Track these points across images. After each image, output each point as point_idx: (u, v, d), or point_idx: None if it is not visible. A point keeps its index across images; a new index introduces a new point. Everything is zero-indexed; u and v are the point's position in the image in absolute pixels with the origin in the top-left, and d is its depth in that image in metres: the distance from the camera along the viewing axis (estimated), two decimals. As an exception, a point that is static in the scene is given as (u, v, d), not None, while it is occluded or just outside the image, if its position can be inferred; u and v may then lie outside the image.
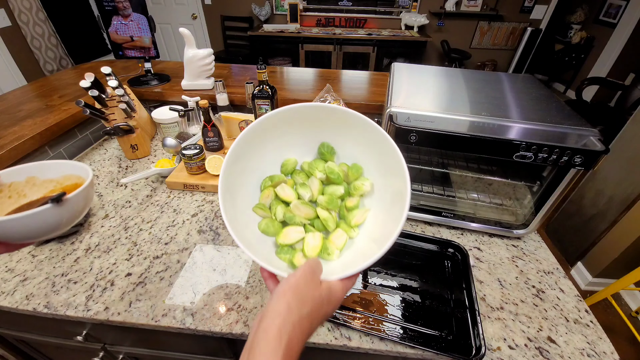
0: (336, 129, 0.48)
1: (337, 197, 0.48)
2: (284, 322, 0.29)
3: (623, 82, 2.95)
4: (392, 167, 0.43)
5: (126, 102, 1.00)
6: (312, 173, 0.49)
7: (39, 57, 2.82)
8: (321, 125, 0.49)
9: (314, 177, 0.49)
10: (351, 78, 1.49)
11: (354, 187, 0.48)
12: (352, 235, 0.46)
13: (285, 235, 0.44)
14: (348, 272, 0.36)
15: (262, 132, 0.46)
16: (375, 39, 3.75)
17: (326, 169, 0.49)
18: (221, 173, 0.41)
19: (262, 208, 0.47)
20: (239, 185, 0.45)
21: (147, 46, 1.31)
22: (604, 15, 3.81)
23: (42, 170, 0.53)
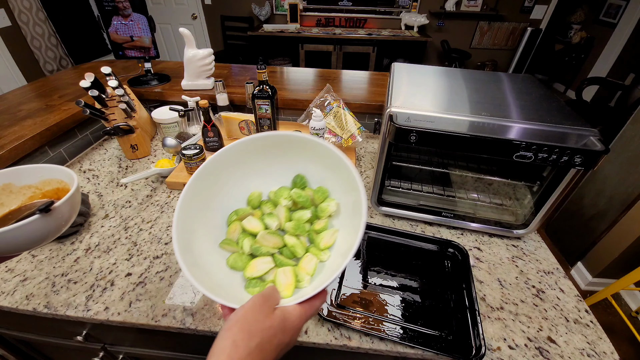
0: (298, 155, 0.49)
1: (304, 222, 0.47)
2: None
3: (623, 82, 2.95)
4: (349, 183, 0.43)
5: (126, 102, 1.00)
6: (277, 201, 0.49)
7: (39, 57, 2.82)
8: (284, 153, 0.49)
9: (280, 205, 0.49)
10: (351, 78, 1.49)
11: (320, 209, 0.48)
12: (323, 259, 0.44)
13: (253, 267, 0.43)
14: (303, 297, 0.34)
15: (219, 169, 0.46)
16: (375, 39, 3.75)
17: (293, 195, 0.49)
18: (175, 214, 0.40)
19: (229, 243, 0.46)
20: (202, 223, 0.44)
21: (147, 46, 1.31)
22: (604, 15, 3.81)
23: (18, 177, 0.49)
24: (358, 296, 0.66)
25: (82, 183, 0.97)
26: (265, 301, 0.33)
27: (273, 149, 0.49)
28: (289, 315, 0.33)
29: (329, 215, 0.48)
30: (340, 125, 1.07)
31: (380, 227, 0.82)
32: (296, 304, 0.34)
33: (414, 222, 0.87)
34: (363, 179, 1.02)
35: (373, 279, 0.70)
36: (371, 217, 0.88)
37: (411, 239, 0.80)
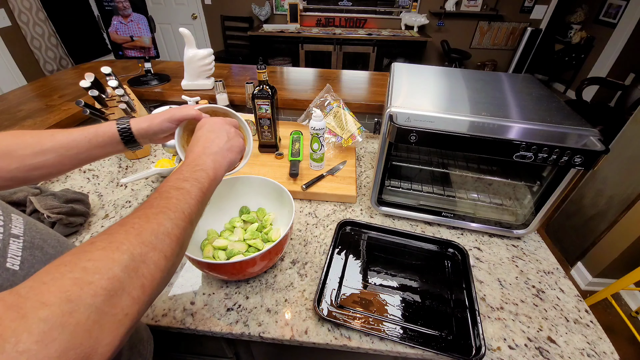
0: (242, 191, 0.79)
1: (255, 230, 0.73)
2: None
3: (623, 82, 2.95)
4: (284, 199, 0.73)
5: (126, 102, 0.99)
6: (234, 225, 0.75)
7: (39, 57, 2.81)
8: (231, 193, 0.78)
9: (237, 228, 0.74)
10: (351, 78, 1.49)
11: (264, 220, 0.76)
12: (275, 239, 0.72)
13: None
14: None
15: None
16: (375, 39, 3.75)
17: (243, 217, 0.76)
18: None
19: (208, 259, 0.67)
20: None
21: (147, 46, 1.31)
22: (604, 15, 3.81)
23: (226, 113, 0.59)
24: (358, 296, 0.66)
25: (82, 183, 0.97)
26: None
27: (221, 193, 0.75)
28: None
29: (270, 223, 0.76)
30: (340, 125, 1.07)
31: (380, 227, 0.82)
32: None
33: (414, 222, 0.87)
34: (363, 179, 1.02)
35: (373, 279, 0.70)
36: (371, 217, 0.88)
37: (411, 239, 0.80)
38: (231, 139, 0.51)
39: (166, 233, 0.33)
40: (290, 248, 0.77)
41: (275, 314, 0.63)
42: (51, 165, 0.48)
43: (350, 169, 1.01)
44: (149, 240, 0.31)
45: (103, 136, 0.51)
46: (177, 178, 0.40)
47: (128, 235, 0.30)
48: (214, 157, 0.46)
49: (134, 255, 0.29)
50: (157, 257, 0.31)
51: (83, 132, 0.50)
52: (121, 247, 0.29)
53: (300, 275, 0.71)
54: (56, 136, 0.48)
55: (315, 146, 0.94)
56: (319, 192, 0.92)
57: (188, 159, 0.45)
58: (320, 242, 0.79)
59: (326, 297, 0.65)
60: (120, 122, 0.52)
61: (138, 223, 0.32)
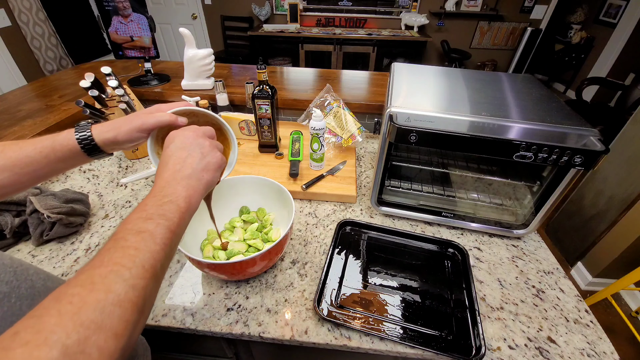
0: (242, 191, 0.79)
1: (255, 230, 0.73)
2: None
3: (623, 82, 2.95)
4: (278, 196, 0.75)
5: (126, 102, 0.99)
6: (234, 225, 0.75)
7: (39, 57, 2.81)
8: (231, 193, 0.77)
9: (237, 228, 0.74)
10: (351, 78, 1.49)
11: (264, 220, 0.77)
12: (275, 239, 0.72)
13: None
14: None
15: None
16: (375, 39, 3.75)
17: (243, 217, 0.77)
18: None
19: (208, 259, 0.67)
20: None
21: (147, 46, 1.31)
22: (604, 15, 3.81)
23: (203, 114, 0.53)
24: (358, 296, 0.66)
25: (82, 183, 0.97)
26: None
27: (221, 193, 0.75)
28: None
29: (270, 223, 0.77)
30: (340, 125, 1.07)
31: (380, 227, 0.82)
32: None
33: (414, 222, 0.87)
34: (363, 179, 1.02)
35: (373, 279, 0.70)
36: (371, 217, 0.88)
37: (411, 239, 0.80)
38: (206, 155, 0.43)
39: (116, 302, 0.26)
40: (290, 248, 0.77)
41: (275, 314, 0.63)
42: (8, 184, 0.41)
43: (350, 169, 1.01)
44: (91, 319, 0.24)
45: (61, 150, 0.44)
46: (139, 217, 0.33)
47: (62, 316, 0.24)
48: (187, 181, 0.39)
49: (68, 347, 0.22)
50: (102, 339, 0.24)
51: (37, 147, 0.43)
52: (50, 337, 0.22)
53: (300, 275, 0.71)
54: (7, 152, 0.42)
55: (315, 146, 0.94)
56: (319, 192, 0.92)
57: (155, 187, 0.38)
58: (320, 242, 0.79)
59: (326, 297, 0.65)
60: (80, 131, 0.45)
61: (79, 295, 0.25)
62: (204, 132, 0.46)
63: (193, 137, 0.44)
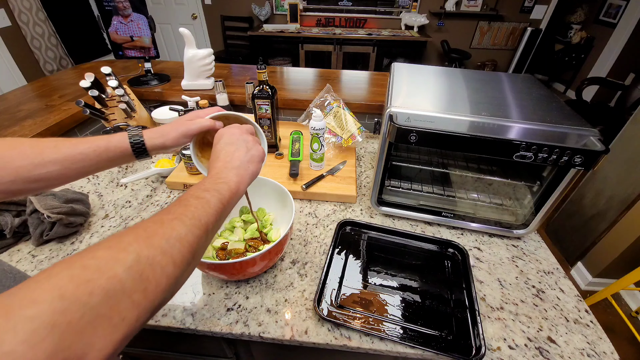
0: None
1: (255, 230, 0.73)
2: None
3: (623, 82, 2.95)
4: (284, 199, 0.74)
5: (126, 102, 0.99)
6: (234, 225, 0.76)
7: (39, 57, 2.81)
8: None
9: (237, 228, 0.74)
10: (351, 78, 1.49)
11: (264, 220, 0.77)
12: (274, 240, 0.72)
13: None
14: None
15: None
16: (375, 39, 3.75)
17: (243, 218, 0.78)
18: None
19: (208, 258, 0.67)
20: None
21: (147, 46, 1.31)
22: (604, 15, 3.81)
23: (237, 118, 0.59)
24: (358, 296, 0.66)
25: (82, 183, 0.97)
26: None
27: None
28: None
29: (270, 223, 0.77)
30: (340, 125, 1.07)
31: (380, 227, 0.82)
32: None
33: (414, 222, 0.87)
34: (363, 179, 1.02)
35: (373, 279, 0.70)
36: (371, 217, 0.88)
37: (411, 239, 0.80)
38: (250, 149, 0.49)
39: (178, 238, 0.32)
40: (290, 248, 0.77)
41: (275, 314, 0.63)
42: (53, 177, 0.45)
43: (350, 169, 1.01)
44: (159, 244, 0.30)
45: (114, 151, 0.49)
46: (198, 188, 0.40)
47: (137, 237, 0.29)
48: (237, 170, 0.45)
49: (140, 257, 0.28)
50: (165, 261, 0.29)
51: (91, 146, 0.47)
52: (128, 247, 0.28)
53: (300, 275, 0.71)
54: (60, 148, 0.45)
55: (315, 146, 0.94)
56: (319, 192, 0.92)
57: (210, 173, 0.45)
58: (320, 242, 0.79)
59: (326, 297, 0.65)
60: (133, 136, 0.50)
61: (151, 227, 0.31)
62: (247, 129, 0.53)
63: (239, 133, 0.50)
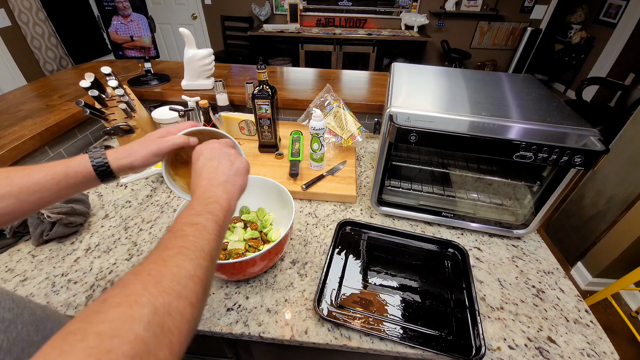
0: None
1: (255, 230, 0.74)
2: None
3: (623, 82, 2.95)
4: (284, 199, 0.73)
5: (126, 102, 0.99)
6: (234, 225, 0.76)
7: (39, 57, 2.81)
8: None
9: (237, 228, 0.74)
10: (351, 78, 1.49)
11: (264, 220, 0.77)
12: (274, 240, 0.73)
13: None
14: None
15: None
16: (375, 39, 3.75)
17: (243, 217, 0.78)
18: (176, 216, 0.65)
19: None
20: None
21: (147, 46, 1.31)
22: (604, 15, 3.81)
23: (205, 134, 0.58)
24: (358, 296, 0.66)
25: (82, 183, 0.97)
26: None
27: None
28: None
29: (270, 223, 0.78)
30: (340, 125, 1.07)
31: (380, 227, 0.82)
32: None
33: (414, 222, 0.87)
34: (363, 179, 1.02)
35: (373, 279, 0.70)
36: (371, 217, 0.88)
37: (411, 239, 0.80)
38: (234, 162, 0.46)
39: (189, 276, 0.29)
40: (290, 248, 0.77)
41: (275, 314, 0.63)
42: (6, 213, 0.40)
43: (350, 169, 1.01)
44: (171, 287, 0.27)
45: (75, 177, 0.44)
46: (189, 214, 0.36)
47: (146, 284, 0.26)
48: (224, 186, 0.42)
49: (157, 308, 0.25)
50: (182, 305, 0.27)
51: (48, 173, 0.42)
52: (140, 299, 0.24)
53: (300, 275, 0.71)
54: (13, 179, 0.40)
55: (315, 146, 0.94)
56: (319, 192, 0.92)
57: (196, 194, 0.41)
58: (320, 242, 0.79)
59: (326, 297, 0.65)
60: (95, 157, 0.45)
61: (155, 269, 0.28)
62: (226, 143, 0.50)
63: (219, 147, 0.47)
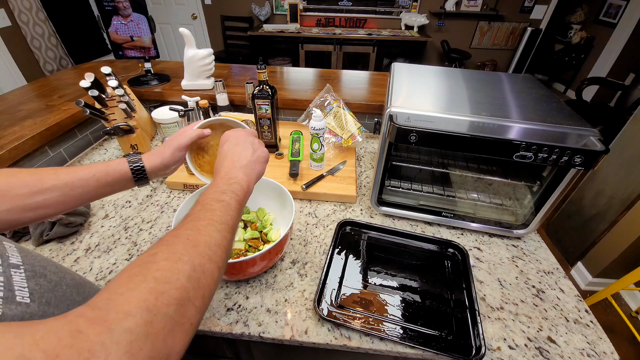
0: None
1: (255, 230, 0.74)
2: None
3: (623, 82, 2.94)
4: (284, 199, 0.73)
5: (126, 102, 0.99)
6: None
7: (39, 57, 2.81)
8: None
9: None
10: (351, 78, 1.49)
11: (264, 220, 0.77)
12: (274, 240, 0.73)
13: None
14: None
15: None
16: (375, 39, 3.75)
17: (243, 217, 0.75)
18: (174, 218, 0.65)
19: None
20: None
21: (147, 46, 1.31)
22: (604, 15, 3.81)
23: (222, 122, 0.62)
24: (358, 296, 0.66)
25: (82, 183, 0.97)
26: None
27: None
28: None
29: (270, 223, 0.77)
30: (340, 125, 1.07)
31: (380, 227, 0.82)
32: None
33: (414, 222, 0.87)
34: (363, 179, 1.02)
35: (373, 279, 0.70)
36: (371, 217, 0.88)
37: (411, 239, 0.80)
38: (256, 149, 0.51)
39: (217, 244, 0.34)
40: (290, 248, 0.77)
41: (275, 314, 0.63)
42: (52, 204, 0.44)
43: (350, 169, 1.01)
44: (205, 252, 0.32)
45: (113, 175, 0.49)
46: (216, 191, 0.42)
47: (186, 246, 0.31)
48: (245, 170, 0.47)
49: (195, 266, 0.30)
50: (212, 267, 0.32)
51: (91, 171, 0.47)
52: (182, 258, 0.30)
53: (300, 275, 0.71)
54: (60, 174, 0.45)
55: (315, 146, 0.94)
56: (319, 192, 0.92)
57: (220, 172, 0.46)
58: (320, 242, 0.79)
59: (326, 297, 0.65)
60: (132, 159, 0.51)
61: (192, 235, 0.33)
62: (252, 132, 0.55)
63: (244, 135, 0.52)
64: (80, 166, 0.48)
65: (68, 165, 1.07)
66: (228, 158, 0.48)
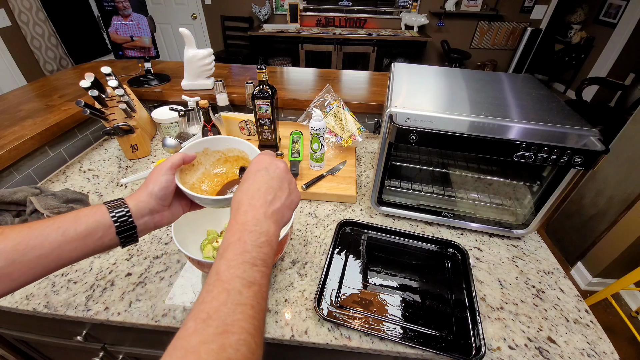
0: None
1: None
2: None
3: (623, 82, 2.94)
4: None
5: (126, 102, 0.99)
6: None
7: (39, 57, 2.82)
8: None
9: None
10: (351, 78, 1.49)
11: None
12: None
13: None
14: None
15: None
16: (375, 39, 3.75)
17: None
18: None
19: (208, 259, 0.66)
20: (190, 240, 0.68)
21: (147, 46, 1.31)
22: (604, 15, 3.81)
23: (213, 143, 0.57)
24: (358, 296, 0.66)
25: (82, 183, 0.97)
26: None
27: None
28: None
29: None
30: (340, 125, 1.07)
31: (380, 227, 0.82)
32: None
33: (414, 222, 0.87)
34: (363, 179, 1.02)
35: (373, 279, 0.70)
36: (371, 217, 0.88)
37: (411, 239, 0.80)
38: (292, 191, 0.41)
39: (248, 345, 0.28)
40: (290, 248, 0.77)
41: (275, 314, 0.63)
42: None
43: (350, 169, 1.01)
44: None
45: (86, 221, 0.38)
46: (245, 261, 0.32)
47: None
48: (275, 217, 0.37)
49: None
50: None
51: (54, 222, 0.36)
52: None
53: (300, 275, 0.71)
54: (7, 233, 0.34)
55: (315, 146, 0.94)
56: (319, 192, 0.92)
57: (248, 215, 0.36)
58: (320, 242, 0.79)
59: (326, 297, 0.65)
60: (111, 200, 0.41)
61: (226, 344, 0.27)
62: (289, 167, 0.45)
63: (284, 169, 0.42)
64: (39, 220, 0.38)
65: (67, 165, 1.07)
66: (261, 193, 0.38)
